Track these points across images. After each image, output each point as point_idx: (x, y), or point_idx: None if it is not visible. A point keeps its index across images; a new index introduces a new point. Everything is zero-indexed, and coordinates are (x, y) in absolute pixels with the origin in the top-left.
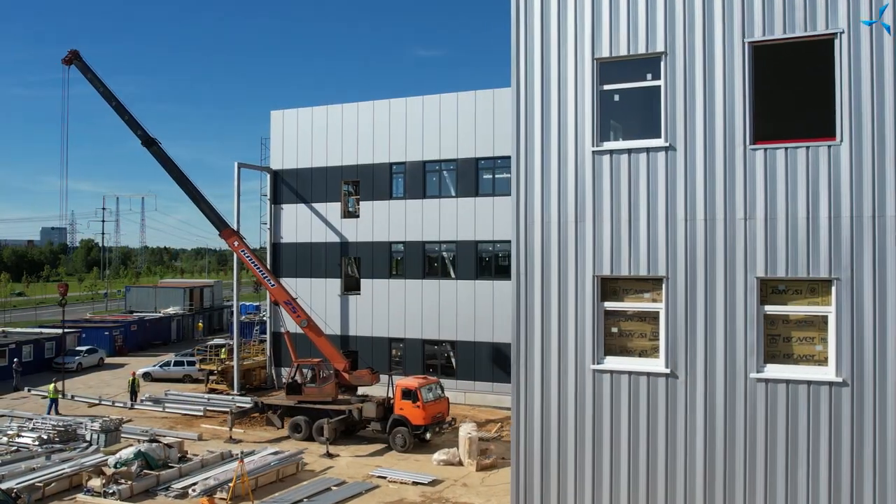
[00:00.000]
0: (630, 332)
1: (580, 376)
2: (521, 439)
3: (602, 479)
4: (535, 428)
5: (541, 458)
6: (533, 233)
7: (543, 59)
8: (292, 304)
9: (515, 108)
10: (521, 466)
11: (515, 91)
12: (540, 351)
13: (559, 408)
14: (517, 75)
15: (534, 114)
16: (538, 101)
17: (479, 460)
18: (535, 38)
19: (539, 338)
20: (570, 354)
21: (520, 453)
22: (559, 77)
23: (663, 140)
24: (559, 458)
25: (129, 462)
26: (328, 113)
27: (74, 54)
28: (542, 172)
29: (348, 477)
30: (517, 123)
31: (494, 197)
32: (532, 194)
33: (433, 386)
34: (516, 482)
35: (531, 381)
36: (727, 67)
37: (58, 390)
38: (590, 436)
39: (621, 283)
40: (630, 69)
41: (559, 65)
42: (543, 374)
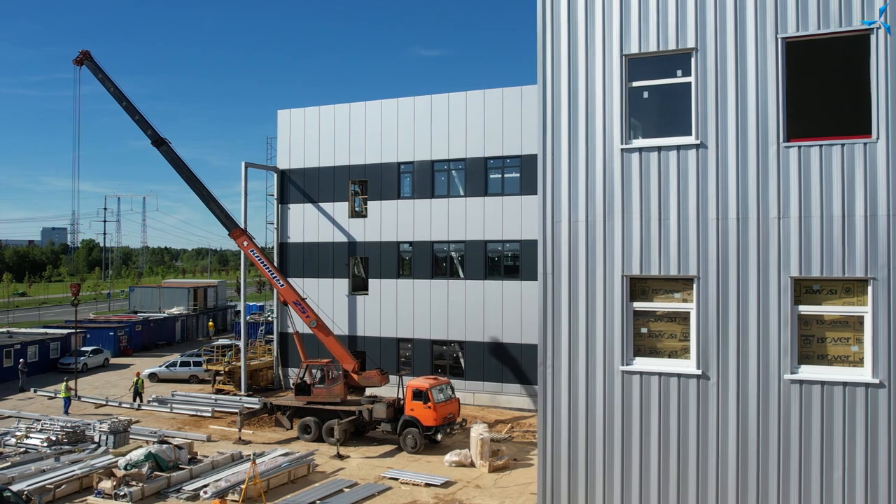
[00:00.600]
0: (659, 332)
1: (609, 377)
2: (548, 441)
3: (631, 482)
4: (563, 429)
5: (568, 459)
6: (560, 232)
7: (571, 56)
8: (301, 304)
9: (542, 105)
10: (548, 468)
11: (542, 89)
12: (567, 352)
13: (587, 409)
14: (543, 73)
15: (561, 111)
16: (565, 99)
17: (491, 461)
18: (561, 35)
19: (566, 338)
20: (598, 355)
21: (547, 455)
22: (587, 74)
23: (694, 137)
24: (587, 460)
25: (140, 464)
26: (335, 112)
27: (85, 55)
28: (570, 171)
29: (360, 478)
30: (543, 121)
31: (503, 196)
32: (559, 193)
33: (444, 387)
34: (543, 484)
35: (558, 383)
36: (760, 64)
37: (69, 388)
38: (619, 437)
39: (650, 282)
40: (659, 66)
41: (587, 62)
42: (571, 375)
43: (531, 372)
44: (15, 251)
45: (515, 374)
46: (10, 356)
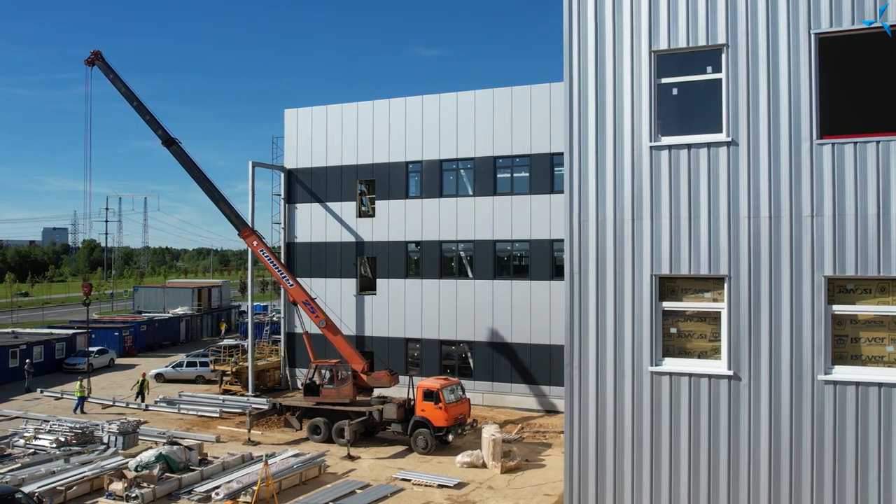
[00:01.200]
0: (689, 332)
1: (637, 378)
2: (575, 442)
3: (661, 484)
4: (590, 431)
5: (596, 461)
6: (587, 231)
7: (598, 53)
8: (311, 304)
9: (568, 103)
10: (575, 470)
11: (568, 86)
12: (595, 352)
13: (615, 410)
14: (570, 69)
15: (587, 109)
16: (592, 96)
17: (503, 462)
18: (588, 31)
19: (594, 339)
20: (626, 356)
21: (574, 457)
22: (614, 71)
23: (725, 135)
24: (615, 461)
25: (151, 465)
26: (343, 111)
27: (97, 55)
28: (597, 169)
29: (372, 479)
30: (570, 119)
31: (513, 196)
32: (586, 191)
33: (455, 387)
34: (570, 486)
35: (586, 384)
36: (792, 60)
37: (83, 388)
38: (648, 439)
39: (680, 282)
40: (689, 62)
41: (614, 58)
42: (599, 376)
43: (540, 372)
44: (17, 251)
45: (524, 375)
46: (15, 357)
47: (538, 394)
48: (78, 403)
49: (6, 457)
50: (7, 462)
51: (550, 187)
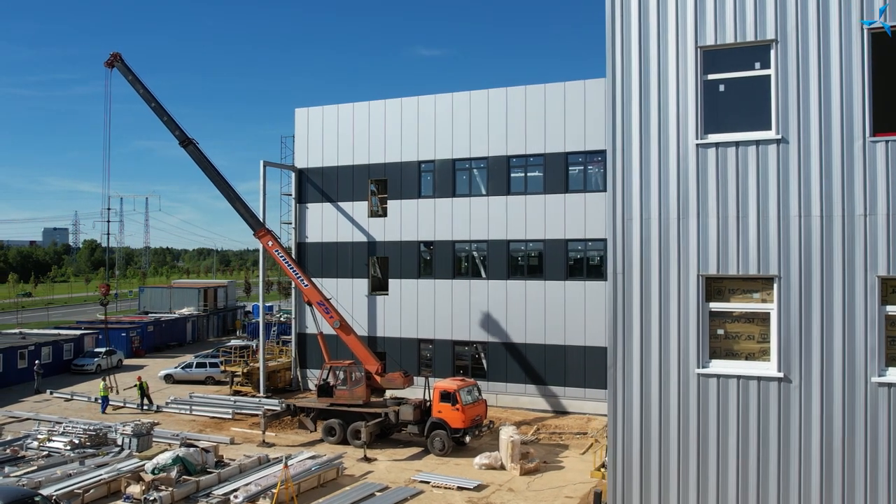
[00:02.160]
0: (736, 333)
1: (684, 380)
2: (618, 445)
3: (707, 489)
4: (635, 434)
5: (640, 464)
6: (631, 230)
7: (642, 49)
8: (325, 304)
9: (611, 99)
10: (618, 473)
11: (611, 82)
12: (639, 354)
13: (661, 413)
14: (613, 65)
15: (631, 106)
16: (636, 93)
17: (522, 464)
18: (632, 27)
19: (638, 340)
20: (672, 358)
21: (618, 460)
22: (659, 67)
23: (774, 132)
24: (661, 465)
25: (168, 468)
26: (354, 110)
27: (116, 57)
28: (642, 167)
29: (390, 482)
30: (613, 116)
31: (526, 195)
32: (630, 190)
33: (471, 388)
34: (613, 489)
35: (630, 386)
36: (844, 55)
37: (108, 388)
38: (694, 442)
39: (727, 282)
40: (736, 58)
41: (659, 54)
42: (643, 378)
43: (554, 373)
44: (18, 251)
45: (539, 376)
46: (23, 357)
47: (553, 395)
48: (104, 403)
49: (20, 459)
50: (22, 464)
51: (565, 187)
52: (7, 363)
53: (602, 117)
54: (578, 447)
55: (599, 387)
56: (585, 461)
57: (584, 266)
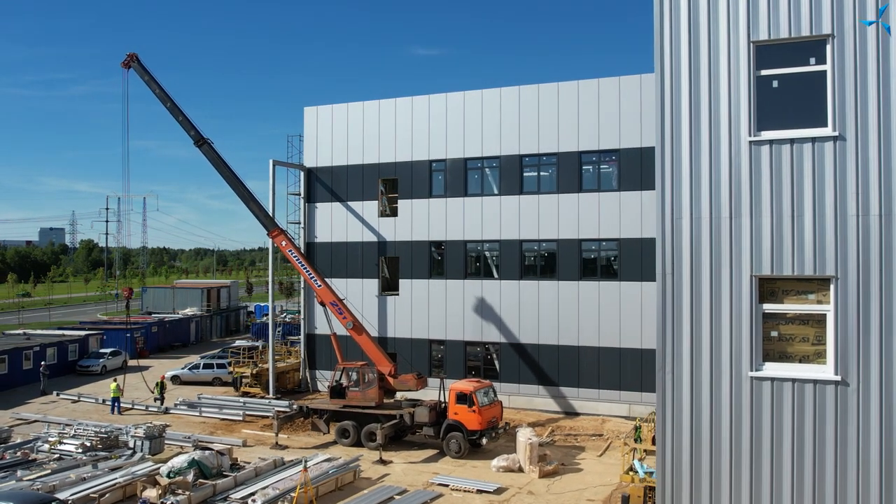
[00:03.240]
0: (790, 336)
1: (736, 384)
2: (667, 450)
3: (761, 494)
4: (685, 439)
5: (691, 470)
6: (681, 230)
7: (692, 43)
8: (339, 305)
9: (660, 96)
10: (667, 478)
11: (660, 78)
12: (689, 357)
13: (712, 418)
14: (661, 61)
15: (681, 102)
16: (686, 89)
17: (541, 467)
18: (681, 21)
19: (688, 343)
20: (724, 360)
21: (666, 465)
22: (710, 62)
23: (831, 129)
24: (711, 471)
25: (184, 471)
26: (364, 109)
27: (133, 57)
28: (692, 165)
29: (408, 485)
30: (661, 112)
31: (540, 195)
32: (680, 188)
33: (487, 389)
34: (663, 496)
35: (679, 389)
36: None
37: (120, 389)
38: (747, 448)
39: (780, 283)
40: (790, 53)
41: (710, 49)
42: (693, 381)
43: (568, 374)
44: (16, 251)
45: (552, 377)
46: (28, 359)
47: (566, 396)
48: (113, 404)
49: (31, 462)
50: (34, 468)
51: (579, 186)
52: (12, 364)
53: (615, 116)
54: (595, 449)
55: (613, 388)
56: (603, 463)
57: (598, 266)
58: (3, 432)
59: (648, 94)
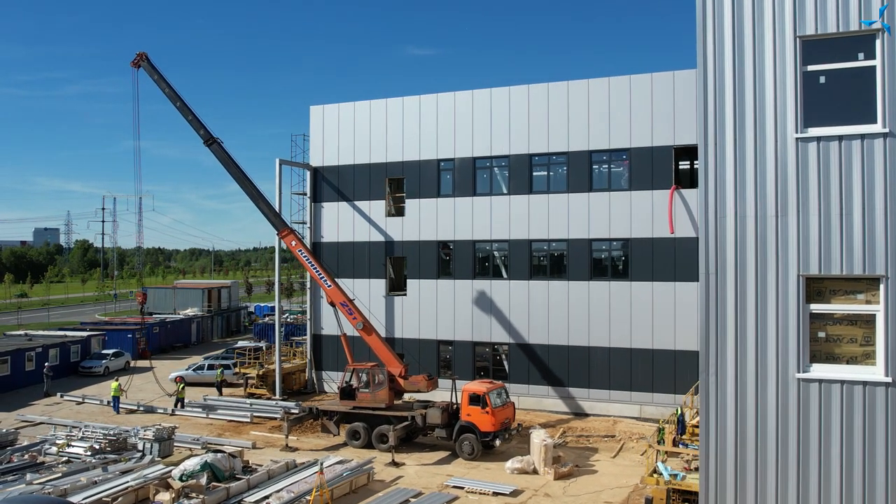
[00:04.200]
0: (838, 336)
1: (782, 386)
2: (711, 453)
3: (808, 497)
4: (729, 441)
5: (735, 473)
6: (725, 228)
7: (736, 39)
8: (349, 305)
9: (703, 92)
10: (711, 482)
11: (702, 73)
12: (734, 358)
13: (757, 419)
14: (704, 56)
15: (725, 99)
16: (730, 85)
17: (556, 469)
18: (725, 16)
19: (733, 343)
20: (769, 362)
21: (710, 468)
22: (755, 58)
23: (881, 126)
24: (757, 474)
25: (197, 474)
26: (371, 108)
27: (142, 57)
28: (736, 162)
29: (422, 487)
30: (705, 109)
31: (549, 194)
32: (724, 186)
33: (500, 391)
34: (706, 499)
35: (723, 392)
36: None
37: (121, 388)
38: (794, 450)
39: (827, 283)
40: (838, 48)
41: (755, 44)
42: (738, 382)
43: (578, 375)
44: (12, 252)
45: (562, 378)
46: (31, 360)
47: (576, 397)
48: (115, 404)
49: (39, 465)
50: (43, 471)
51: (589, 185)
52: (15, 365)
53: (626, 115)
54: (608, 450)
55: (623, 388)
56: (617, 465)
57: (609, 266)
58: (9, 435)
59: (660, 93)
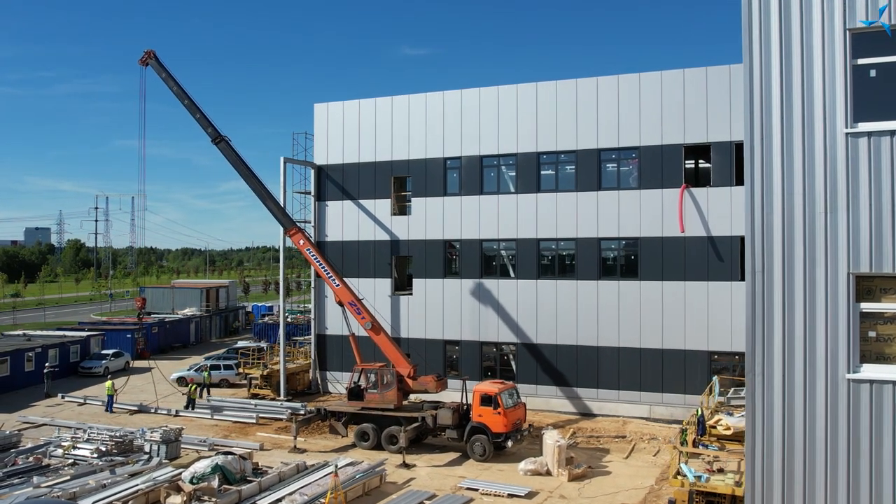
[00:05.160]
0: (888, 336)
1: (832, 387)
2: (758, 456)
3: (860, 501)
4: (776, 443)
5: (783, 475)
6: (772, 226)
7: (783, 32)
8: (357, 305)
9: (748, 86)
10: (758, 486)
11: (748, 67)
12: (781, 358)
13: (805, 421)
14: (750, 50)
15: (771, 94)
16: (777, 80)
17: (570, 470)
18: (772, 9)
19: (780, 343)
20: (818, 362)
21: (756, 471)
22: (803, 52)
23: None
24: (805, 477)
25: (208, 477)
26: (376, 105)
27: (150, 54)
28: (784, 158)
29: (435, 489)
30: (751, 104)
31: (558, 193)
32: (770, 183)
33: (512, 391)
34: (752, 502)
35: (770, 393)
36: None
37: (115, 388)
38: (844, 453)
39: (878, 281)
40: (889, 41)
41: (802, 37)
42: (786, 383)
43: (587, 375)
44: (4, 251)
45: (570, 378)
46: (30, 360)
47: (585, 397)
48: (109, 402)
49: (45, 467)
50: (50, 474)
51: (598, 184)
52: (14, 366)
53: (635, 113)
54: (619, 451)
55: (633, 389)
56: (630, 465)
57: (618, 265)
58: (13, 436)
59: (669, 91)
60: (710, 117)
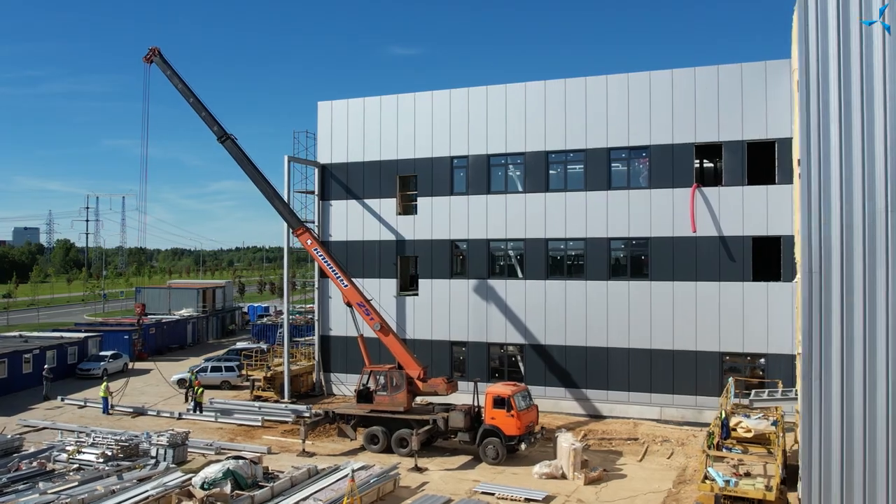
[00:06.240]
0: None
1: (894, 390)
2: (814, 464)
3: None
4: (834, 448)
5: (841, 483)
6: (830, 225)
7: (841, 31)
8: (366, 305)
9: (805, 87)
10: (814, 489)
11: (804, 66)
12: (840, 359)
13: (865, 428)
14: (806, 49)
15: (829, 91)
16: (834, 77)
17: (586, 473)
18: (829, 9)
19: (838, 345)
20: (878, 366)
21: (814, 480)
22: (862, 49)
23: None
24: (865, 487)
25: (219, 482)
26: (382, 104)
27: (155, 52)
28: (842, 158)
29: (450, 493)
30: (807, 105)
31: (566, 192)
32: (828, 181)
33: (524, 393)
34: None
35: (828, 398)
36: None
37: (109, 391)
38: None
39: None
40: None
41: (861, 36)
42: (844, 384)
43: (597, 377)
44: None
45: (580, 379)
46: (28, 362)
47: (594, 399)
48: (104, 404)
49: (49, 473)
50: (56, 479)
51: (607, 183)
52: (12, 368)
53: (645, 112)
54: (633, 454)
55: (643, 390)
56: (645, 468)
57: (628, 266)
58: (14, 441)
59: (680, 90)
60: (722, 116)
